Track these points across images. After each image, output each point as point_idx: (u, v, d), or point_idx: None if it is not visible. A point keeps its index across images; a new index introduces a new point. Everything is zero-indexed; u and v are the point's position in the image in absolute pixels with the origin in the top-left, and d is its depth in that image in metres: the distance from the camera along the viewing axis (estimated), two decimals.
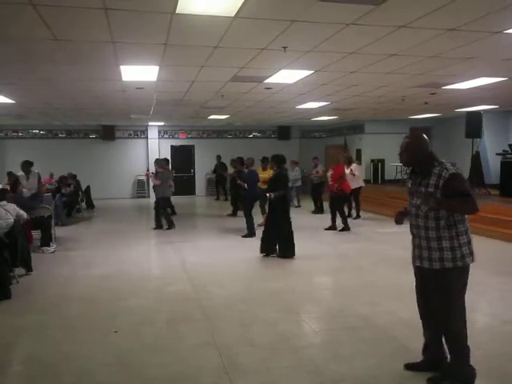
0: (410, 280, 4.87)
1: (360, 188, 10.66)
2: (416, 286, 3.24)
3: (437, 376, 3.09)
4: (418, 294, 3.23)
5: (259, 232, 8.49)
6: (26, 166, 9.01)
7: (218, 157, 16.21)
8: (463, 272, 2.95)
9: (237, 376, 3.23)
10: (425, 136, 3.09)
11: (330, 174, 9.62)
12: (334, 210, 9.32)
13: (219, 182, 15.99)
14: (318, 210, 11.95)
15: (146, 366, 3.43)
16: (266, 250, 6.96)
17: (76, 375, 3.31)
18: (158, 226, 9.76)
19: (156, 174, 9.93)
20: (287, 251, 6.89)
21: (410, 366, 3.26)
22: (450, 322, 3.04)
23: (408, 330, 4.02)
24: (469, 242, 2.97)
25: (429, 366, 3.21)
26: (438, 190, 2.86)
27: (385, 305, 4.75)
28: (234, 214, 11.67)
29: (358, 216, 10.82)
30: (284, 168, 7.43)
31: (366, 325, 4.21)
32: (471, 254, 2.97)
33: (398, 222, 3.29)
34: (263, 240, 6.99)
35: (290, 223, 6.95)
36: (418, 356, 3.40)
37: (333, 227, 9.24)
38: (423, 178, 2.97)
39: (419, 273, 3.15)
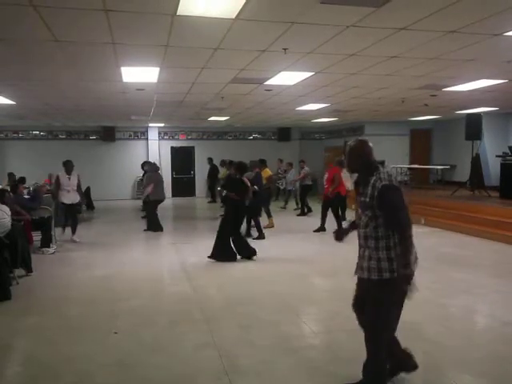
0: None
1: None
2: (355, 298, 3.11)
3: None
4: (356, 306, 3.09)
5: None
6: (71, 166, 8.69)
7: (210, 159, 16.00)
8: (400, 282, 2.79)
9: (237, 377, 3.23)
10: (369, 144, 2.98)
11: (325, 176, 9.64)
12: (325, 212, 9.26)
13: (213, 185, 15.68)
14: (305, 211, 11.99)
15: (145, 366, 3.43)
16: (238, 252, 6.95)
17: (76, 376, 3.31)
18: (159, 228, 9.75)
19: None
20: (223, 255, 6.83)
21: None
22: (377, 332, 2.91)
23: (407, 331, 4.02)
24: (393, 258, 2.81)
25: (395, 369, 3.13)
26: (373, 201, 2.78)
27: None
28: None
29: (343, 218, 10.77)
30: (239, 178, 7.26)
31: None
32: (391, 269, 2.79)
33: (338, 239, 3.24)
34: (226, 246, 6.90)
35: (234, 230, 6.91)
36: (418, 357, 3.40)
37: (321, 228, 9.21)
38: (363, 188, 2.88)
39: (360, 284, 3.02)
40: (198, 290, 5.40)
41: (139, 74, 6.58)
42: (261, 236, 8.51)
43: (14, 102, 9.33)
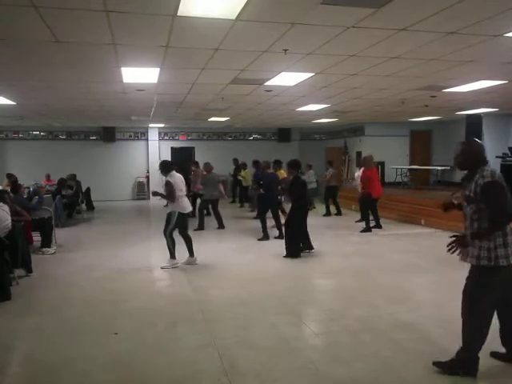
0: (410, 283, 4.90)
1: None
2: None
3: (446, 363, 3.21)
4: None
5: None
6: (169, 168, 6.70)
7: (236, 160, 15.16)
8: (495, 272, 3.05)
9: (237, 378, 3.23)
10: (479, 143, 3.24)
11: (358, 175, 9.94)
12: (362, 211, 9.76)
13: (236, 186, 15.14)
14: (330, 212, 12.18)
15: (146, 367, 3.43)
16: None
17: (76, 377, 3.31)
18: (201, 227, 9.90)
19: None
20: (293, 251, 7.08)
21: (493, 354, 3.39)
22: (468, 315, 3.15)
23: (408, 333, 4.03)
24: (506, 245, 3.05)
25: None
26: (476, 196, 3.03)
27: (385, 308, 4.75)
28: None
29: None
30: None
31: (365, 328, 4.20)
32: (507, 256, 3.05)
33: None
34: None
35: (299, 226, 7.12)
36: (419, 358, 3.40)
37: (367, 229, 9.39)
38: (468, 183, 3.13)
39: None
40: (198, 291, 5.40)
41: (139, 75, 6.59)
42: (265, 237, 8.53)
43: (14, 103, 9.34)
